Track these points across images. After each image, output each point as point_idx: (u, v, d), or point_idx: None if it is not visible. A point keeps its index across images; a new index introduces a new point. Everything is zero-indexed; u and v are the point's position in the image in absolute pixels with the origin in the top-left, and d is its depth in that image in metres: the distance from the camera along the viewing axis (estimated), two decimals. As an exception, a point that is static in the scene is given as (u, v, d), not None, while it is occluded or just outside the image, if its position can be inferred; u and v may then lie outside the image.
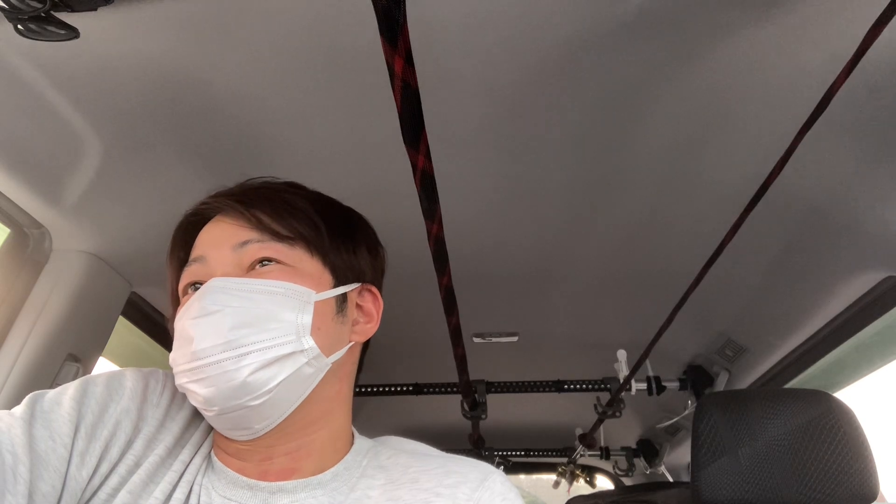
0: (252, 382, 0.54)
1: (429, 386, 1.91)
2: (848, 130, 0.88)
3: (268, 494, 0.57)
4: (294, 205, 0.63)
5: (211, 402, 0.55)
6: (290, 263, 0.60)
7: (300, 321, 0.57)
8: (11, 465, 0.50)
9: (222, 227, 0.63)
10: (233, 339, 0.54)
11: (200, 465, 0.60)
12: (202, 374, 0.54)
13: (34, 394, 0.57)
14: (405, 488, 0.59)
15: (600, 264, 1.39)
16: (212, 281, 0.58)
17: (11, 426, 0.52)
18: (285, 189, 0.66)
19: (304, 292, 0.59)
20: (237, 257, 0.60)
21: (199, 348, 0.54)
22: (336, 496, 0.59)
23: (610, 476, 3.07)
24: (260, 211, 0.61)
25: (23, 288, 1.05)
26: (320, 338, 0.59)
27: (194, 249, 0.64)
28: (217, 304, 0.56)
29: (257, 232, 0.61)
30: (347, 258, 0.65)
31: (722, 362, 1.71)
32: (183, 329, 0.56)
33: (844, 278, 1.16)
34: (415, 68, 0.47)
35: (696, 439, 1.11)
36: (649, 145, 0.97)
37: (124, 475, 0.56)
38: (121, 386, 0.60)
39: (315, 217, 0.63)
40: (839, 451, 1.02)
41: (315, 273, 0.62)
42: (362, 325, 0.67)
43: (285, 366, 0.56)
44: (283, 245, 0.61)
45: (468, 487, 0.59)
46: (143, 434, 0.59)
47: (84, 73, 0.79)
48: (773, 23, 0.73)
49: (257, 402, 0.55)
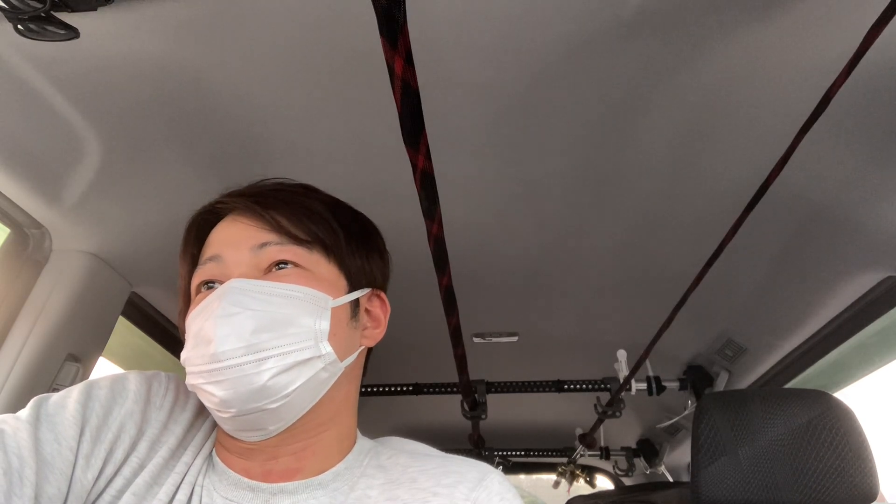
0: (272, 387, 0.54)
1: (429, 386, 1.92)
2: (848, 130, 0.88)
3: (269, 495, 0.58)
4: (312, 209, 0.63)
5: (228, 403, 0.55)
6: (307, 267, 0.60)
7: (318, 326, 0.58)
8: (18, 468, 0.50)
9: (239, 228, 0.62)
10: (255, 342, 0.54)
11: (202, 467, 0.60)
12: (221, 377, 0.54)
13: (39, 397, 0.57)
14: (404, 487, 0.59)
15: (600, 264, 1.39)
16: (232, 282, 0.57)
17: (17, 430, 0.53)
18: (302, 192, 0.66)
19: (321, 297, 0.59)
20: (255, 259, 0.60)
21: (220, 350, 0.54)
22: (336, 496, 0.59)
23: (610, 476, 3.07)
24: (278, 213, 0.61)
25: (23, 288, 1.05)
26: (336, 343, 0.59)
27: (209, 247, 0.63)
28: (238, 305, 0.55)
29: (276, 234, 0.61)
30: (362, 264, 0.66)
31: (722, 362, 1.71)
32: (201, 329, 0.56)
33: (844, 278, 1.16)
34: (415, 68, 0.47)
35: (696, 439, 1.11)
36: (649, 145, 0.97)
37: (129, 477, 0.57)
38: (124, 389, 0.61)
39: (332, 222, 0.64)
40: (839, 451, 1.02)
41: (331, 278, 0.62)
42: (371, 330, 0.68)
43: (303, 371, 0.56)
44: (302, 249, 0.61)
45: (466, 487, 0.59)
46: (146, 436, 0.59)
47: (84, 73, 0.79)
48: (773, 23, 0.73)
49: (275, 405, 0.55)
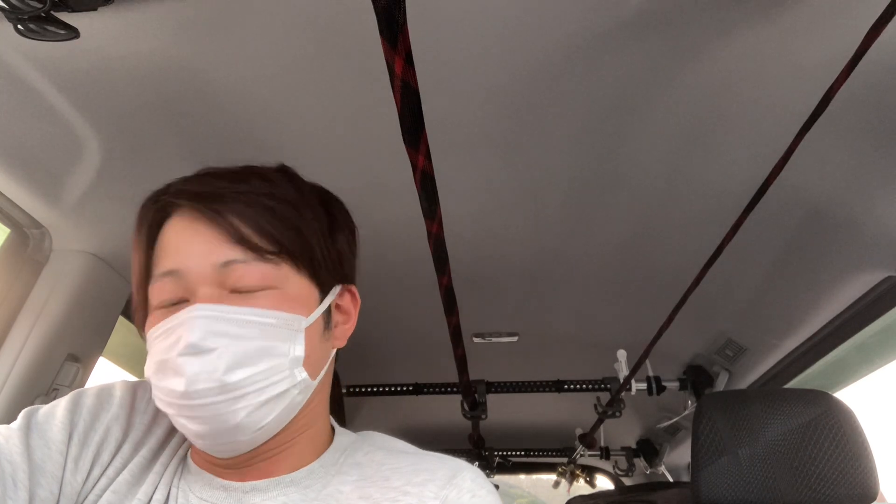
0: (247, 424, 0.53)
1: (429, 386, 1.92)
2: (848, 130, 0.88)
3: (241, 494, 0.58)
4: (274, 210, 0.58)
5: (202, 436, 0.54)
6: (277, 286, 0.56)
7: (293, 353, 0.56)
8: (11, 472, 0.52)
9: (199, 239, 0.56)
10: (229, 382, 0.52)
11: (177, 468, 0.61)
12: (194, 413, 0.53)
13: (29, 409, 0.59)
14: (376, 486, 0.59)
15: (600, 264, 1.39)
16: (198, 309, 0.53)
17: (9, 437, 0.54)
18: (259, 187, 0.60)
19: (295, 320, 0.56)
20: (219, 277, 0.55)
21: (192, 390, 0.51)
22: (308, 493, 0.58)
23: (610, 476, 3.07)
24: (237, 218, 0.56)
25: (23, 288, 1.05)
26: (310, 365, 0.57)
27: (165, 255, 0.58)
28: (208, 341, 0.52)
29: (240, 249, 0.55)
30: (331, 262, 0.62)
31: (722, 362, 1.71)
32: (168, 360, 0.53)
33: (844, 278, 1.16)
34: (415, 68, 0.47)
35: (696, 439, 1.11)
36: (649, 145, 0.97)
37: (112, 477, 0.58)
38: (111, 396, 0.62)
39: (298, 222, 0.59)
40: (839, 451, 1.02)
41: (303, 293, 0.59)
42: (341, 328, 0.65)
43: (280, 402, 0.55)
44: (269, 266, 0.56)
45: (435, 485, 0.58)
46: (130, 438, 0.61)
47: (84, 73, 0.79)
48: (773, 23, 0.73)
49: (249, 437, 0.55)
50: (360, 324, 0.69)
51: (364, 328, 0.69)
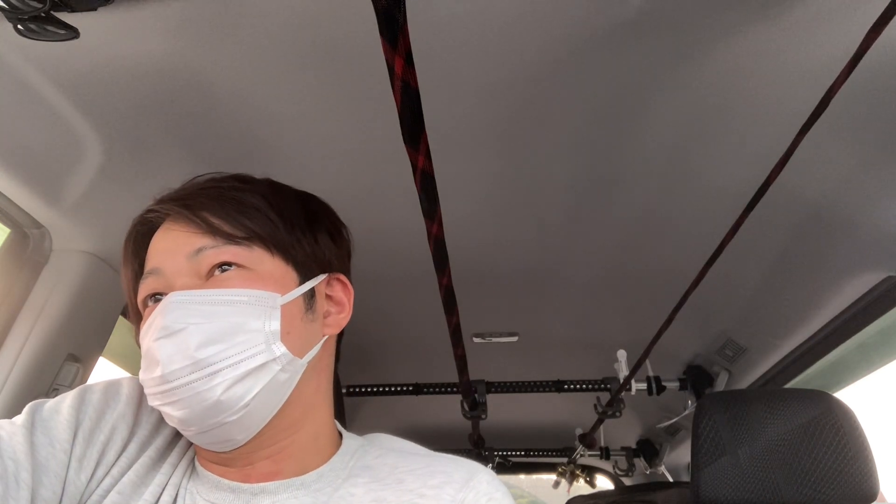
0: (227, 400, 0.53)
1: (429, 386, 1.92)
2: (848, 131, 0.88)
3: (250, 496, 0.57)
4: (244, 202, 0.60)
5: (187, 422, 0.54)
6: (250, 266, 0.58)
7: (268, 328, 0.55)
8: (14, 471, 0.50)
9: (173, 236, 0.59)
10: (200, 358, 0.52)
11: (186, 470, 0.60)
12: (174, 397, 0.53)
13: (34, 403, 0.57)
14: (390, 489, 0.58)
15: (600, 264, 1.39)
16: (171, 296, 0.55)
17: (13, 434, 0.53)
18: (233, 185, 0.62)
19: (268, 297, 0.57)
20: (194, 266, 0.57)
21: (167, 371, 0.52)
22: (319, 496, 0.58)
23: (610, 476, 3.08)
24: (209, 213, 0.58)
25: (23, 288, 1.05)
26: (291, 341, 0.57)
27: (148, 260, 0.61)
28: (179, 321, 0.53)
29: (210, 237, 0.57)
30: (310, 250, 0.62)
31: (722, 362, 1.71)
32: (149, 350, 0.54)
33: (844, 278, 1.16)
34: (415, 68, 0.47)
35: (696, 439, 1.12)
36: (649, 145, 0.98)
37: (117, 477, 0.57)
38: (118, 393, 0.61)
39: (269, 212, 0.60)
40: (839, 451, 1.02)
41: (277, 273, 0.59)
42: (335, 317, 0.65)
43: (259, 377, 0.54)
44: (240, 248, 0.58)
45: (452, 488, 0.58)
46: (137, 437, 0.60)
47: (84, 73, 0.79)
48: (773, 23, 0.73)
49: (235, 417, 0.54)
50: (361, 324, 0.69)
51: (364, 328, 0.69)
